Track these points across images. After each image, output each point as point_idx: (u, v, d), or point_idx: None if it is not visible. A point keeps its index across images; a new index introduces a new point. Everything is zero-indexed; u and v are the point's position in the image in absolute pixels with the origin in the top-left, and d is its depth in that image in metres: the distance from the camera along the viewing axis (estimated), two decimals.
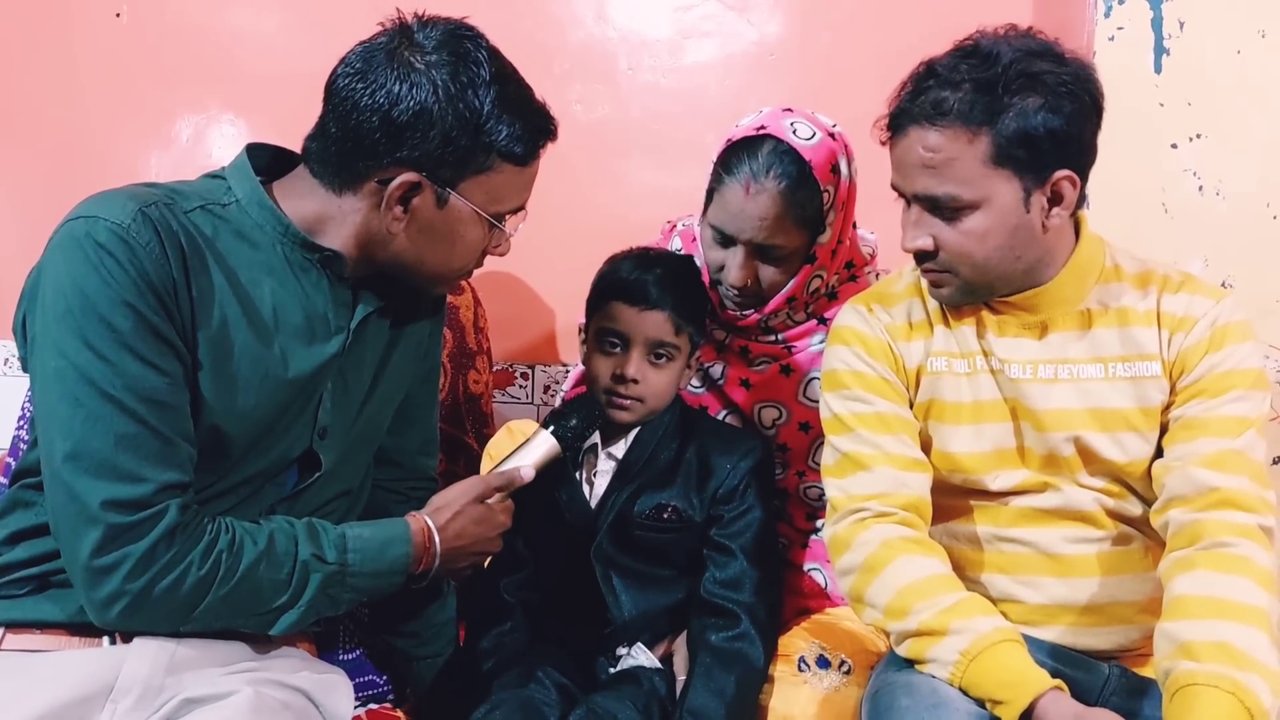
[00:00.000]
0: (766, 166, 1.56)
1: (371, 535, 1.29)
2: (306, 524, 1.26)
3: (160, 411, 1.14)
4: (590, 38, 2.30)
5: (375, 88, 1.20)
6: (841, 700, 1.47)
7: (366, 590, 1.29)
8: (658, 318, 1.56)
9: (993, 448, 1.42)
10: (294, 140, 1.31)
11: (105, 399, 1.11)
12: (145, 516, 1.12)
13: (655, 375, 1.57)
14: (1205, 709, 1.14)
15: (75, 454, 1.11)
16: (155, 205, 1.18)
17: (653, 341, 1.56)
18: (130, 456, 1.12)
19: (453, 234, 1.29)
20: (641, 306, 1.56)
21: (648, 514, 1.58)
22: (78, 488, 1.11)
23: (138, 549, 1.12)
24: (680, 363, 1.60)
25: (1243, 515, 1.27)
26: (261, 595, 1.21)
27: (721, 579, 1.56)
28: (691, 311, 1.60)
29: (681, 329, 1.58)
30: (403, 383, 1.45)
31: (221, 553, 1.17)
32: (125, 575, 1.12)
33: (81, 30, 2.40)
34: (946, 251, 1.35)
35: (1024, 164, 1.29)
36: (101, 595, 1.13)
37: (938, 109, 1.28)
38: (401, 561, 1.31)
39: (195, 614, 1.17)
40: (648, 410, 1.59)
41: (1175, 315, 1.37)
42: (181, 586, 1.15)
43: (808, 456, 1.75)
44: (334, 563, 1.24)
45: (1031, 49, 1.29)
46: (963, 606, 1.30)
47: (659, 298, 1.56)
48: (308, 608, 1.23)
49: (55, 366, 1.12)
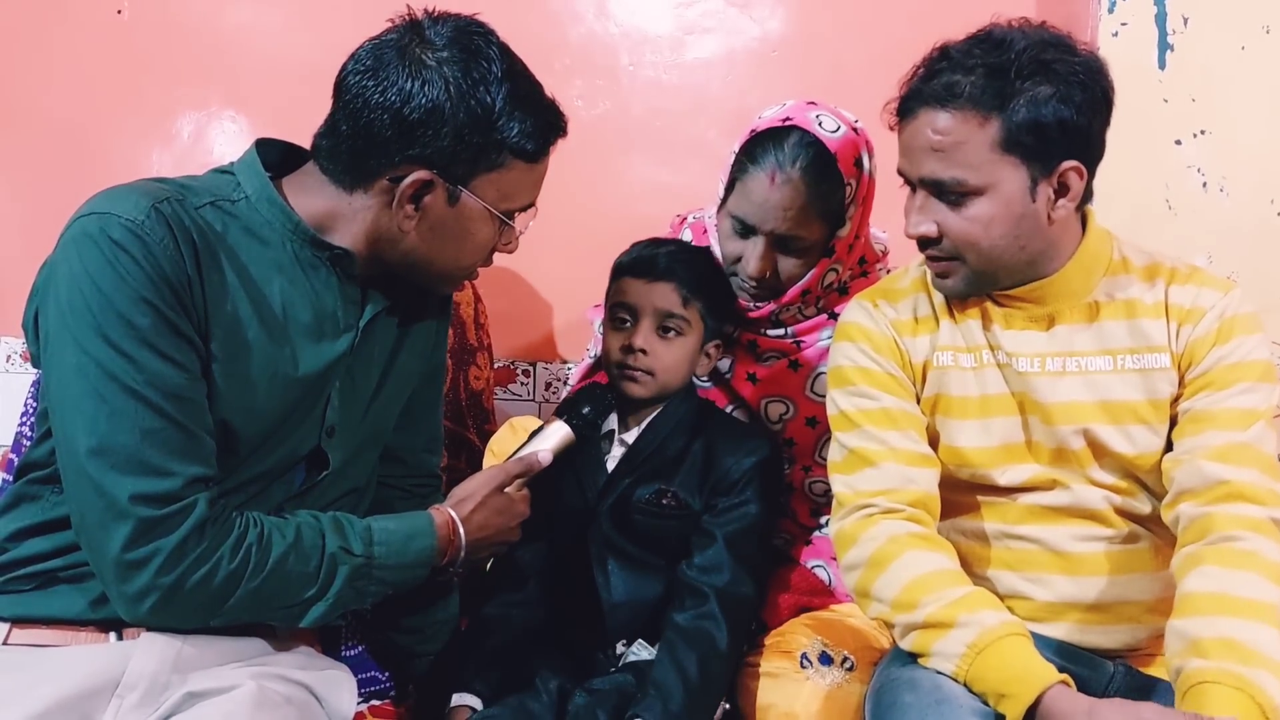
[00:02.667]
0: (793, 157, 1.57)
1: (397, 528, 1.30)
2: (332, 517, 1.27)
3: (182, 406, 1.15)
4: (592, 33, 2.30)
5: (387, 85, 1.19)
6: (844, 697, 1.47)
7: (392, 583, 1.29)
8: (664, 288, 1.58)
9: (1000, 442, 1.41)
10: (297, 136, 1.31)
11: (129, 394, 1.11)
12: (175, 510, 1.13)
13: (664, 348, 1.59)
14: (1216, 706, 1.14)
15: (101, 449, 1.11)
16: (168, 201, 1.17)
17: (661, 312, 1.58)
18: (157, 451, 1.12)
19: (464, 232, 1.29)
20: (648, 278, 1.59)
21: (648, 499, 1.58)
22: (105, 483, 1.11)
23: (169, 543, 1.12)
24: (691, 340, 1.61)
25: (1252, 508, 1.27)
26: (290, 588, 1.21)
27: (699, 563, 1.55)
28: (700, 287, 1.60)
29: (689, 301, 1.59)
30: (409, 381, 1.45)
31: (251, 546, 1.17)
32: (157, 569, 1.12)
33: (83, 27, 2.39)
34: (950, 238, 1.35)
35: (1032, 152, 1.28)
36: (133, 590, 1.13)
37: (950, 91, 1.28)
38: (427, 554, 1.31)
39: (226, 607, 1.17)
40: (659, 386, 1.60)
41: (1183, 307, 1.37)
42: (213, 580, 1.15)
43: (814, 452, 1.75)
44: (361, 555, 1.25)
45: (1045, 39, 1.29)
46: (970, 600, 1.29)
47: (666, 268, 1.59)
48: (336, 600, 1.23)
49: (75, 363, 1.12)
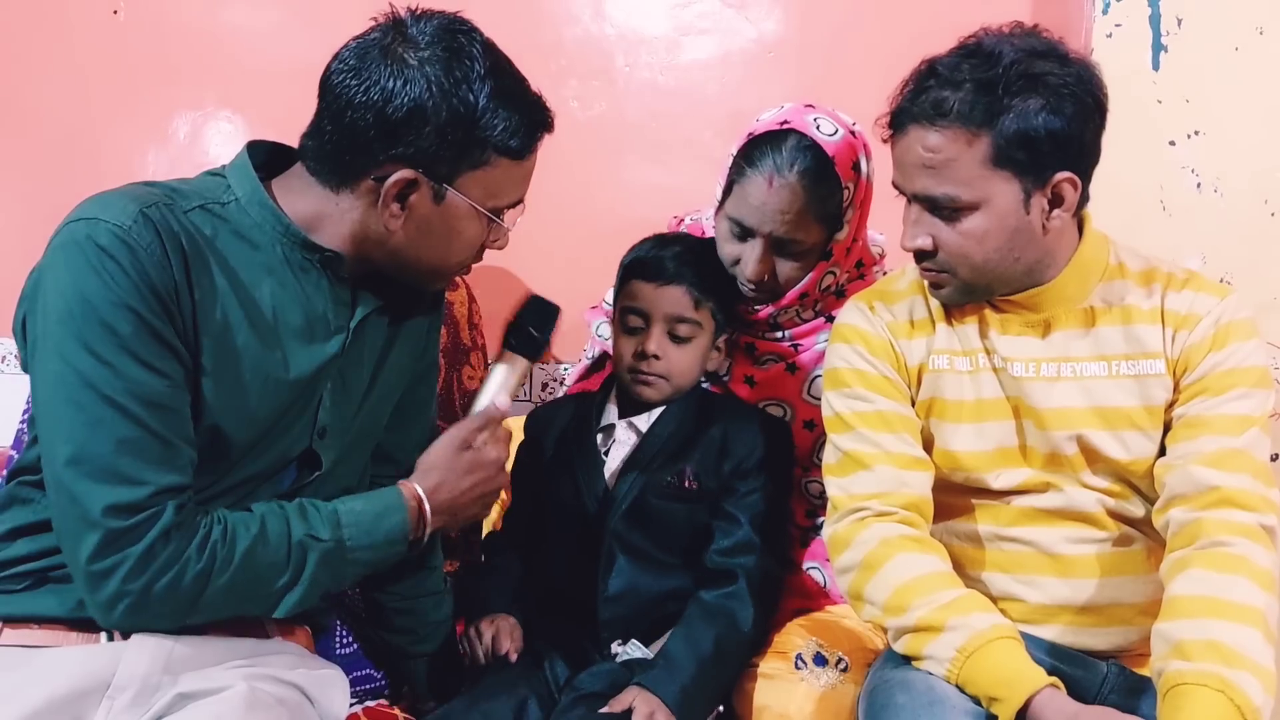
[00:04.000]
0: (790, 160, 1.57)
1: (365, 508, 1.29)
2: (297, 504, 1.26)
3: (161, 415, 1.14)
4: (587, 35, 2.29)
5: (369, 84, 1.19)
6: (838, 698, 1.47)
7: (368, 563, 1.29)
8: (675, 292, 1.58)
9: (995, 446, 1.41)
10: (292, 136, 1.30)
11: (106, 403, 1.11)
12: (142, 519, 1.12)
13: (677, 352, 1.59)
14: (1195, 708, 1.15)
15: (77, 458, 1.11)
16: (156, 206, 1.17)
17: (672, 317, 1.59)
18: (131, 460, 1.12)
19: (450, 230, 1.28)
20: (659, 282, 1.59)
21: (668, 482, 1.57)
22: (79, 492, 1.11)
23: (135, 551, 1.12)
24: (703, 340, 1.62)
25: (1243, 514, 1.27)
26: (261, 579, 1.21)
27: (726, 546, 1.55)
28: (710, 287, 1.61)
29: (701, 304, 1.59)
30: (401, 381, 1.45)
31: (216, 543, 1.17)
32: (124, 576, 1.12)
33: (79, 27, 2.39)
34: (945, 252, 1.35)
35: (1024, 165, 1.28)
36: (103, 597, 1.13)
37: (938, 109, 1.28)
38: (399, 531, 1.31)
39: (198, 606, 1.17)
40: (673, 389, 1.61)
41: (1179, 313, 1.37)
42: (181, 582, 1.15)
43: (811, 454, 1.75)
44: (329, 539, 1.24)
45: (1035, 49, 1.28)
46: (961, 603, 1.30)
47: (676, 272, 1.59)
48: (310, 585, 1.23)
49: (56, 370, 1.12)
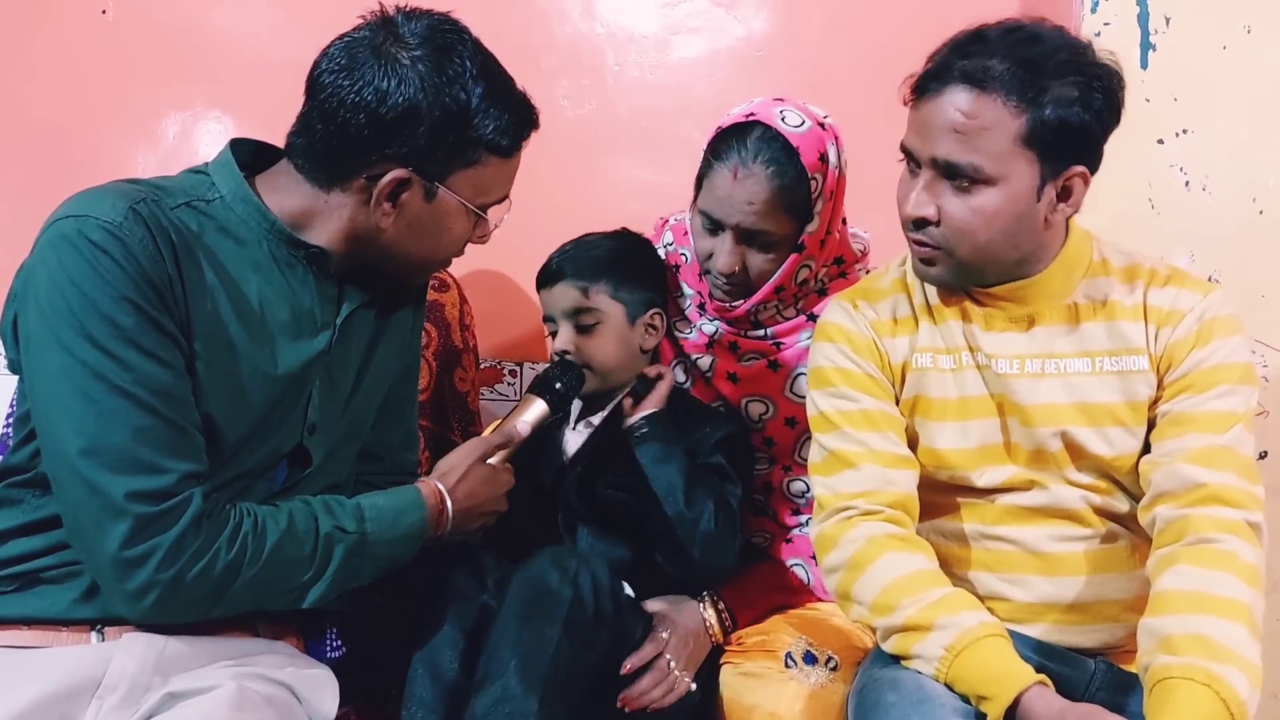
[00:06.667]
0: (755, 152, 1.57)
1: (386, 504, 1.31)
2: (322, 500, 1.29)
3: (171, 403, 1.16)
4: (577, 33, 2.29)
5: (362, 84, 1.20)
6: (827, 696, 1.47)
7: (386, 558, 1.31)
8: (560, 289, 1.66)
9: (979, 444, 1.41)
10: (281, 136, 1.30)
11: (117, 393, 1.12)
12: (171, 506, 1.13)
13: (588, 343, 1.65)
14: (1181, 702, 1.15)
15: (92, 449, 1.12)
16: (144, 202, 1.18)
17: (568, 311, 1.65)
18: (148, 449, 1.13)
19: (440, 227, 1.30)
20: (547, 286, 1.68)
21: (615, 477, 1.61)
22: (99, 482, 1.11)
23: (167, 538, 1.13)
24: (613, 325, 1.66)
25: (1229, 511, 1.27)
26: (288, 573, 1.23)
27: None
28: (595, 270, 1.65)
29: (589, 290, 1.64)
30: (387, 376, 1.46)
31: (247, 535, 1.19)
32: (157, 565, 1.13)
33: (67, 27, 2.38)
34: (948, 225, 1.32)
35: (1050, 151, 1.27)
36: (134, 587, 1.14)
37: (985, 73, 1.26)
38: (418, 527, 1.33)
39: (226, 597, 1.19)
40: (600, 378, 1.65)
41: (1162, 309, 1.37)
42: (212, 572, 1.16)
43: (793, 452, 1.75)
44: (354, 532, 1.26)
45: (1073, 41, 1.29)
46: (948, 602, 1.30)
47: (557, 270, 1.67)
48: (333, 579, 1.25)
49: (60, 364, 1.12)
